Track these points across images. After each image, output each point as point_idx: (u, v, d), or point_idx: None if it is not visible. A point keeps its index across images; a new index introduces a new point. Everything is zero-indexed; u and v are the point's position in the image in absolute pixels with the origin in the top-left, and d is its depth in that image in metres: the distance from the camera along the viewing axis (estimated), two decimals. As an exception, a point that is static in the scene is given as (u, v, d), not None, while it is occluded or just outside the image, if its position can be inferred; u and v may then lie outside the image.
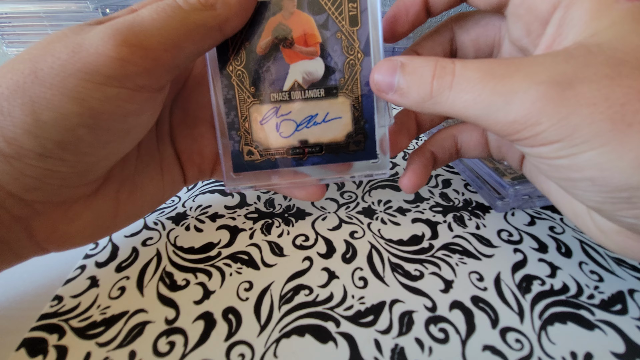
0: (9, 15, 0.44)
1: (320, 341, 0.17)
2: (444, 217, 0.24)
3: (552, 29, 0.16)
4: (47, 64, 0.14)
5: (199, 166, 0.23)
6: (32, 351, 0.16)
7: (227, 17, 0.17)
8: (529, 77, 0.13)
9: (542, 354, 0.16)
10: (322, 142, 0.20)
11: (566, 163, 0.14)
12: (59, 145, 0.15)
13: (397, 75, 0.16)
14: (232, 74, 0.19)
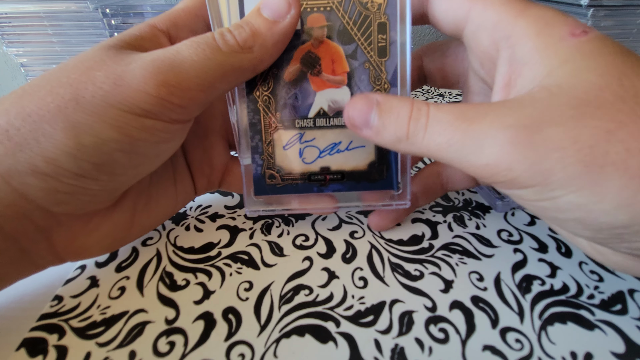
0: (9, 15, 0.44)
1: (320, 341, 0.17)
2: (444, 217, 0.24)
3: (503, 67, 0.16)
4: (88, 92, 0.15)
5: (208, 177, 0.23)
6: (32, 351, 0.16)
7: (262, 59, 0.17)
8: (497, 120, 0.13)
9: (542, 354, 0.16)
10: (344, 170, 0.20)
11: (548, 205, 0.14)
12: (96, 166, 0.16)
13: (373, 113, 0.16)
14: (258, 98, 0.19)
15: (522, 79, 0.15)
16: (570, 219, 0.13)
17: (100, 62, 0.16)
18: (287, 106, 0.19)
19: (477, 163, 0.14)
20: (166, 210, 0.22)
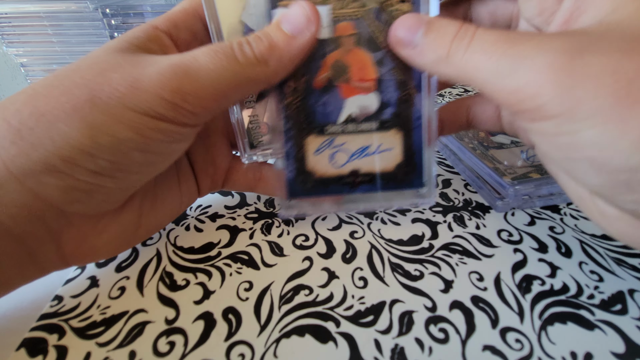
0: (9, 15, 0.44)
1: (320, 341, 0.17)
2: (444, 217, 0.24)
3: (569, 3, 0.15)
4: (104, 94, 0.15)
5: (212, 177, 0.23)
6: (32, 351, 0.16)
7: (277, 72, 0.17)
8: (540, 44, 0.13)
9: (542, 354, 0.16)
10: (373, 172, 0.20)
11: (566, 141, 0.13)
12: (113, 164, 0.16)
13: (420, 32, 0.16)
14: (290, 106, 0.19)
15: (585, 16, 0.15)
16: (584, 158, 0.13)
17: (116, 65, 0.16)
18: (317, 113, 0.19)
19: (508, 87, 0.14)
20: (172, 211, 0.22)
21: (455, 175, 0.29)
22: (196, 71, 0.16)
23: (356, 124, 0.20)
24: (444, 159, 0.32)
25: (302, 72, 0.19)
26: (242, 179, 0.24)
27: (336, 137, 0.20)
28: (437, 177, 0.29)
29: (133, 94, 0.15)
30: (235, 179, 0.24)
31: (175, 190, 0.22)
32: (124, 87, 0.15)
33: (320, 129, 0.20)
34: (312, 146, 0.20)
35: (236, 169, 0.24)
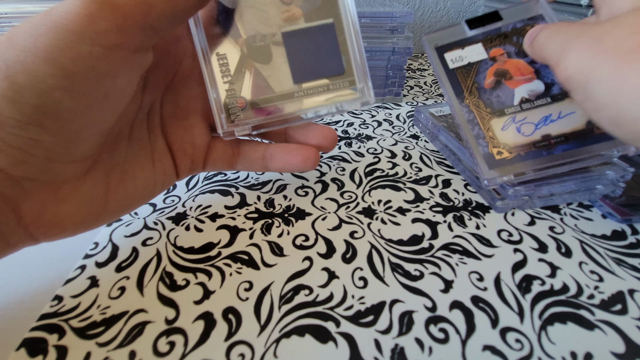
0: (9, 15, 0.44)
1: (320, 341, 0.17)
2: (444, 217, 0.24)
3: None
4: (21, 29, 0.14)
5: (191, 156, 0.23)
6: (32, 351, 0.16)
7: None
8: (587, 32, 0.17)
9: (542, 354, 0.16)
10: (565, 133, 0.24)
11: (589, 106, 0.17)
12: (38, 109, 0.15)
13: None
14: (469, 104, 0.26)
15: None
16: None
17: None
18: (494, 103, 0.25)
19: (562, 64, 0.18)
20: (144, 190, 0.21)
21: (456, 175, 0.29)
22: None
23: (531, 102, 0.25)
24: (443, 159, 0.32)
25: (473, 82, 0.26)
26: (222, 157, 0.24)
27: (516, 115, 0.25)
28: (437, 177, 0.29)
29: (45, 20, 0.14)
30: (216, 157, 0.24)
31: (149, 169, 0.21)
32: (38, 18, 0.14)
33: (500, 112, 0.25)
34: (497, 125, 0.25)
35: (215, 148, 0.24)
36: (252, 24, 0.21)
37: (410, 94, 0.47)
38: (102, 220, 0.20)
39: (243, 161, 0.25)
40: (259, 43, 0.21)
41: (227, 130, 0.22)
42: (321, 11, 0.21)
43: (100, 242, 0.23)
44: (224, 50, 0.21)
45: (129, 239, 0.23)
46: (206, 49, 0.21)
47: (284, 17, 0.21)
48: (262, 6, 0.21)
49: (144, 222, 0.24)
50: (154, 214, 0.25)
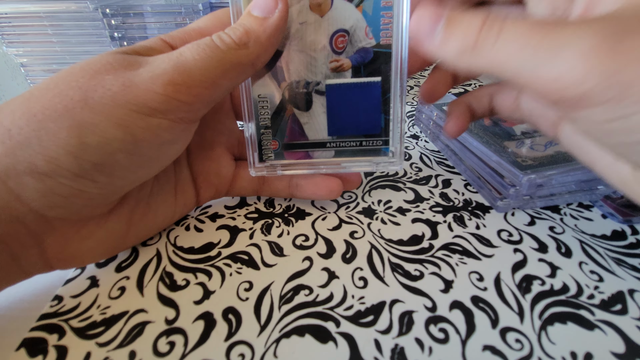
0: (9, 15, 0.44)
1: (320, 341, 0.17)
2: (444, 217, 0.24)
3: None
4: (97, 94, 0.15)
5: (216, 186, 0.24)
6: (32, 351, 0.16)
7: (258, 54, 0.18)
8: (580, 29, 0.12)
9: (542, 354, 0.16)
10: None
11: (618, 126, 0.13)
12: (96, 167, 0.16)
13: (440, 24, 0.15)
14: (479, 135, 0.28)
15: (601, 7, 0.14)
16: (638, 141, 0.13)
17: (109, 66, 0.16)
18: (500, 133, 0.28)
19: (547, 75, 0.13)
20: (163, 221, 0.22)
21: (456, 175, 0.29)
22: (184, 63, 0.16)
23: (530, 133, 0.28)
24: (444, 159, 0.32)
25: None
26: (248, 186, 0.25)
27: (524, 140, 0.27)
28: (437, 177, 0.29)
29: (125, 92, 0.15)
30: (241, 186, 0.25)
31: (171, 201, 0.22)
32: (116, 87, 0.15)
33: (508, 137, 0.28)
34: (511, 145, 0.27)
35: (241, 177, 0.25)
36: (298, 70, 0.21)
37: (410, 94, 0.47)
38: (118, 251, 0.21)
39: (269, 189, 0.25)
40: (302, 90, 0.21)
41: (257, 167, 0.23)
42: (372, 66, 0.21)
43: (100, 242, 0.23)
44: (266, 92, 0.21)
45: (129, 239, 0.23)
46: (249, 88, 0.21)
47: (332, 66, 0.21)
48: (312, 52, 0.20)
49: (144, 222, 0.24)
50: (154, 214, 0.25)
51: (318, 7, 0.19)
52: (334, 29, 0.20)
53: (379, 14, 0.19)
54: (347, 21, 0.20)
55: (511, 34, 0.14)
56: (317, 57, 0.21)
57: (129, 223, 0.20)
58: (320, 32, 0.20)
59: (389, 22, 0.20)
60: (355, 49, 0.20)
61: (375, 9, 0.19)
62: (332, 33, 0.20)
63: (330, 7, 0.20)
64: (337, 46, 0.20)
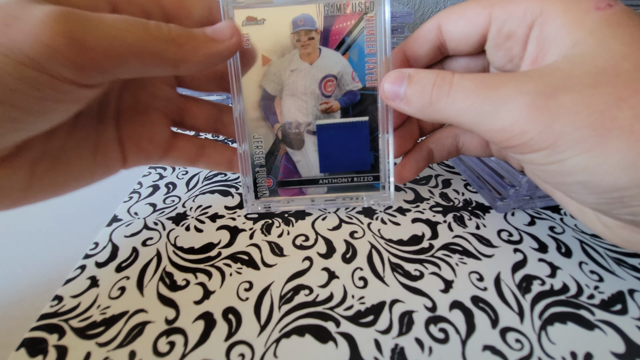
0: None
1: (320, 341, 0.17)
2: (444, 217, 0.24)
3: (532, 46, 0.17)
4: None
5: (148, 152, 0.22)
6: (32, 351, 0.16)
7: (187, 59, 0.16)
8: (517, 87, 0.14)
9: (542, 354, 0.16)
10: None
11: (556, 168, 0.15)
12: None
13: (404, 84, 0.18)
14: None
15: (549, 55, 0.16)
16: (576, 182, 0.14)
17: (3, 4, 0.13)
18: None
19: (494, 127, 0.15)
20: (78, 178, 0.20)
21: (456, 175, 0.29)
22: (96, 22, 0.14)
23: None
24: (444, 159, 0.32)
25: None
26: (184, 156, 0.24)
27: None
28: (437, 177, 0.29)
29: (2, 32, 0.13)
30: (176, 155, 0.23)
31: (88, 159, 0.20)
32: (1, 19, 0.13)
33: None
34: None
35: (177, 147, 0.23)
36: (290, 112, 0.22)
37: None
38: (20, 205, 0.18)
39: (208, 162, 0.24)
40: (294, 130, 0.23)
41: (251, 205, 0.24)
42: (359, 107, 0.22)
43: (100, 242, 0.23)
44: (260, 134, 0.23)
45: (129, 239, 0.23)
46: (244, 129, 0.22)
47: (322, 108, 0.22)
48: (302, 96, 0.22)
49: (144, 222, 0.24)
50: (154, 214, 0.25)
51: (308, 56, 0.21)
52: (322, 74, 0.22)
53: (363, 60, 0.21)
54: (335, 67, 0.22)
55: (459, 91, 0.16)
56: (307, 100, 0.22)
57: (31, 175, 0.18)
58: (310, 77, 0.22)
59: (373, 67, 0.21)
60: (343, 91, 0.22)
61: (360, 56, 0.21)
62: (322, 78, 0.22)
63: (319, 55, 0.21)
64: (326, 90, 0.22)
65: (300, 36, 0.21)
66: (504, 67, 0.19)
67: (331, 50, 0.21)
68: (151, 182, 0.29)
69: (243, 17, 0.21)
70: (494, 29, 0.18)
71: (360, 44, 0.21)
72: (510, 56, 0.18)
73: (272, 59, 0.21)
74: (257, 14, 0.21)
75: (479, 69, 0.22)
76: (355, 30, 0.21)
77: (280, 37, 0.21)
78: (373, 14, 0.21)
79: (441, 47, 0.21)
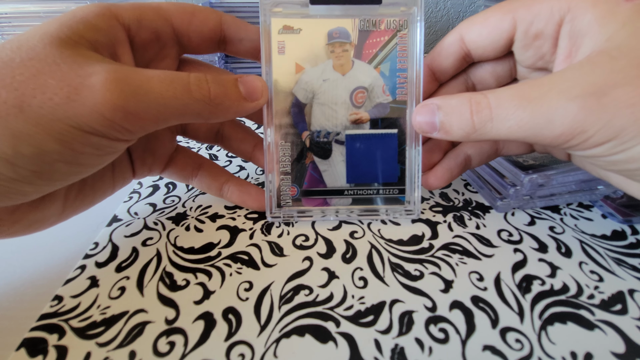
0: (9, 15, 0.44)
1: (320, 341, 0.17)
2: (444, 217, 0.24)
3: (564, 42, 0.17)
4: (36, 101, 0.14)
5: (150, 166, 0.23)
6: (32, 351, 0.16)
7: (218, 116, 0.18)
8: (562, 93, 0.14)
9: (542, 354, 0.16)
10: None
11: (621, 157, 0.15)
12: (35, 174, 0.15)
13: (437, 116, 0.18)
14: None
15: (583, 49, 0.16)
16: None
17: (54, 66, 0.14)
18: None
19: (551, 135, 0.15)
20: (102, 195, 0.22)
21: (455, 175, 0.29)
22: (146, 93, 0.15)
23: None
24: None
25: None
26: (179, 172, 0.25)
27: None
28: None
29: (68, 106, 0.14)
30: (172, 171, 0.25)
31: (108, 176, 0.21)
32: (59, 98, 0.14)
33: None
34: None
35: (175, 162, 0.24)
36: (319, 120, 0.23)
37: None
38: (53, 225, 0.20)
39: (200, 183, 0.25)
40: (322, 139, 0.23)
41: (274, 213, 0.23)
42: (388, 119, 0.22)
43: (100, 242, 0.23)
44: (289, 140, 0.23)
45: (129, 239, 0.23)
46: (273, 139, 0.22)
47: (352, 119, 0.22)
48: (333, 105, 0.22)
49: (144, 222, 0.24)
50: (154, 214, 0.25)
51: (341, 67, 0.22)
52: (354, 86, 0.22)
53: (395, 75, 0.22)
54: (366, 80, 0.22)
55: (502, 113, 0.16)
56: (337, 110, 0.22)
57: (64, 202, 0.19)
58: (342, 88, 0.22)
59: (404, 82, 0.22)
60: (373, 104, 0.22)
61: (392, 70, 0.22)
62: (353, 89, 0.22)
63: (352, 67, 0.22)
64: (356, 101, 0.22)
65: (334, 47, 0.22)
66: (534, 64, 0.19)
67: (364, 63, 0.22)
68: (151, 182, 0.29)
69: (280, 25, 0.21)
70: (521, 31, 0.18)
71: (392, 58, 0.22)
72: (540, 54, 0.19)
73: (305, 67, 0.22)
74: (293, 24, 0.21)
75: (506, 71, 0.22)
76: (388, 46, 0.21)
77: (315, 47, 0.22)
78: (406, 32, 0.21)
79: (466, 57, 0.21)
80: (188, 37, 0.20)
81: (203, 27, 0.20)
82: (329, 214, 0.24)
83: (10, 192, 0.15)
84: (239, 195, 0.25)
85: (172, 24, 0.20)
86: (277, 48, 0.22)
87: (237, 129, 0.26)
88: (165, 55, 0.21)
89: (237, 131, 0.26)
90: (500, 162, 0.25)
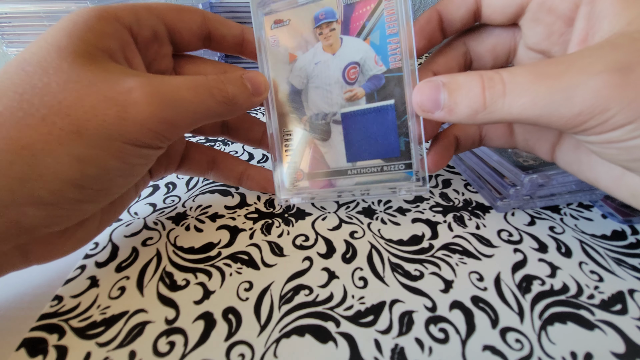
0: (9, 15, 0.44)
1: (320, 341, 0.17)
2: (444, 217, 0.24)
3: (580, 24, 0.16)
4: (91, 125, 0.15)
5: (165, 166, 0.24)
6: (32, 351, 0.16)
7: (235, 113, 0.20)
8: (585, 69, 0.14)
9: (542, 354, 0.16)
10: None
11: (638, 143, 0.14)
12: (99, 192, 0.17)
13: (442, 94, 0.16)
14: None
15: (600, 33, 0.15)
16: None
17: (92, 87, 0.15)
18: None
19: (569, 114, 0.14)
20: (128, 201, 0.22)
21: (456, 175, 0.29)
22: (180, 103, 0.17)
23: None
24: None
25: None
26: (195, 167, 0.25)
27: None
28: (437, 177, 0.29)
29: (120, 124, 0.16)
30: (188, 167, 0.25)
31: (132, 187, 0.22)
32: (111, 118, 0.15)
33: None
34: None
35: (189, 158, 0.25)
36: (316, 103, 0.23)
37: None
38: (93, 238, 0.21)
39: (217, 176, 0.26)
40: (320, 121, 0.23)
41: (284, 197, 0.24)
42: (384, 91, 0.21)
43: (100, 242, 0.23)
44: (290, 127, 0.23)
45: (129, 239, 0.23)
46: (276, 127, 0.23)
47: (347, 96, 0.22)
48: (326, 86, 0.22)
49: (144, 222, 0.24)
50: (154, 214, 0.25)
51: (330, 47, 0.22)
52: (345, 63, 0.22)
53: (385, 42, 0.21)
54: (357, 54, 0.21)
55: (517, 88, 0.15)
56: (332, 90, 0.22)
57: (101, 217, 0.20)
58: (333, 68, 0.22)
59: (396, 48, 0.20)
60: (367, 77, 0.21)
61: (382, 38, 0.21)
62: (344, 67, 0.22)
63: (340, 45, 0.21)
64: (349, 77, 0.22)
65: (322, 29, 0.21)
66: (539, 44, 0.19)
67: (352, 37, 0.21)
68: (151, 182, 0.29)
69: (271, 21, 0.22)
70: (537, 1, 0.17)
71: (381, 26, 0.21)
72: (549, 32, 0.18)
73: (297, 55, 0.22)
74: (283, 16, 0.22)
75: (505, 51, 0.21)
76: (375, 14, 0.21)
77: (305, 34, 0.22)
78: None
79: (476, 12, 0.20)
80: (180, 34, 0.21)
81: (192, 24, 0.21)
82: (332, 195, 0.23)
83: (73, 214, 0.17)
84: (258, 182, 0.26)
85: (164, 21, 0.20)
86: (271, 42, 0.22)
87: (243, 118, 0.27)
88: (164, 54, 0.21)
89: (243, 121, 0.27)
90: (500, 162, 0.25)
